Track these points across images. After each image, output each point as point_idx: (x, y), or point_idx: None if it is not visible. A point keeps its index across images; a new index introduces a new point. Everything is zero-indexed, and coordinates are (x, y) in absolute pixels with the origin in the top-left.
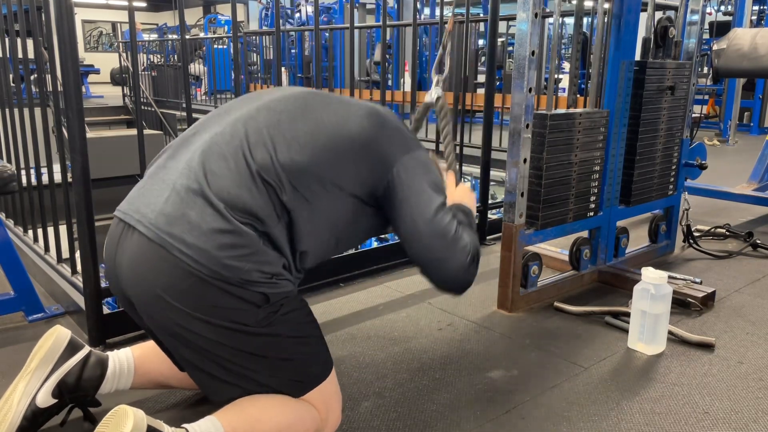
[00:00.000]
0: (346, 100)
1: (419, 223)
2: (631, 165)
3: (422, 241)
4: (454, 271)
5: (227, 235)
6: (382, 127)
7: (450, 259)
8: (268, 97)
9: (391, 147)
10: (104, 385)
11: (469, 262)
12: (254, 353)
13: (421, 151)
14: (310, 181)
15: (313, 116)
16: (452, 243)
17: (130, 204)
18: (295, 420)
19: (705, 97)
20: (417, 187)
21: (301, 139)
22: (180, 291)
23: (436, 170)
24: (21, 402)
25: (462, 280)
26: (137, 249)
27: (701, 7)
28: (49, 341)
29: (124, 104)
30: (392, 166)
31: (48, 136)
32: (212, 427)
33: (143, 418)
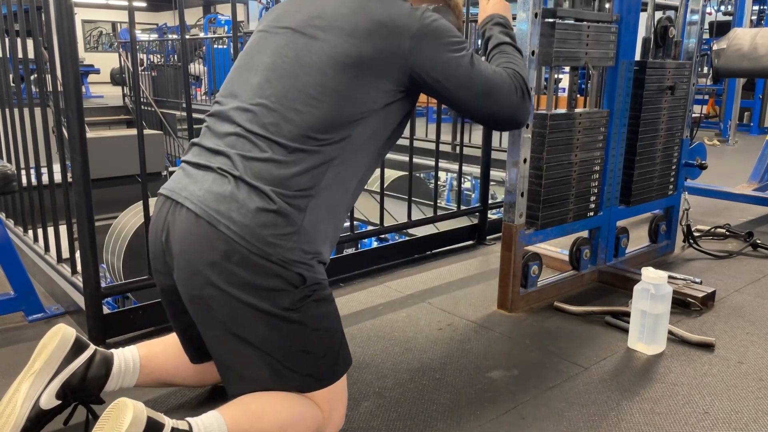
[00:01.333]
0: (327, 26)
1: (461, 94)
2: (631, 165)
3: (469, 107)
4: (510, 113)
5: (271, 214)
6: (372, 33)
7: (502, 108)
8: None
9: (389, 37)
10: (109, 383)
11: (520, 98)
12: (279, 341)
13: (420, 9)
14: (341, 128)
15: (311, 64)
16: (498, 92)
17: (177, 183)
18: (298, 418)
19: (705, 97)
20: (441, 63)
21: (313, 94)
22: (223, 267)
23: (447, 24)
24: (25, 404)
25: (521, 116)
26: (186, 224)
27: (701, 7)
28: (54, 341)
29: (124, 104)
30: (406, 59)
31: (48, 136)
32: (215, 421)
33: (143, 410)
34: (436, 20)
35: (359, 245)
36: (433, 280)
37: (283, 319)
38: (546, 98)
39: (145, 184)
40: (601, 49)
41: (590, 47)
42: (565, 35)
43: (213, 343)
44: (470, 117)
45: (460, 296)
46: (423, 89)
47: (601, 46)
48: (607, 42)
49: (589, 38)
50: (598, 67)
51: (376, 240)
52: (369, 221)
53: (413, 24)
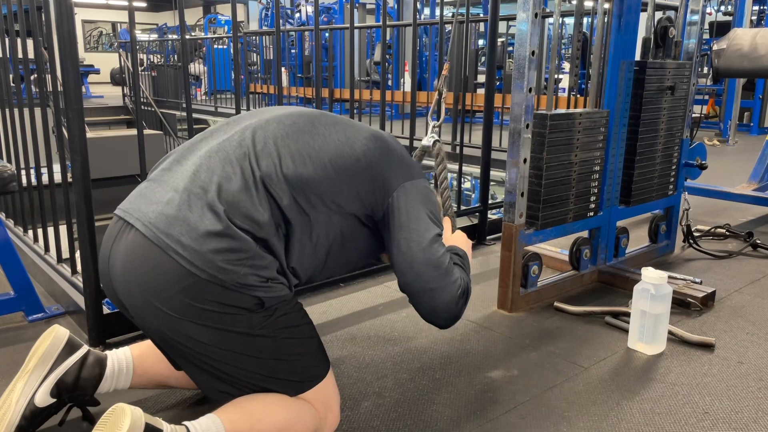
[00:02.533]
0: (353, 123)
1: (414, 249)
2: (631, 165)
3: (414, 268)
4: (443, 303)
5: (224, 239)
6: (386, 151)
7: (440, 290)
8: (277, 112)
9: (393, 171)
10: (103, 385)
11: (459, 295)
12: (250, 354)
13: (423, 180)
14: (311, 195)
15: (321, 133)
16: (444, 275)
17: (131, 203)
18: (295, 418)
19: (705, 97)
20: (415, 214)
21: (306, 153)
22: (172, 295)
23: (435, 202)
24: (19, 402)
25: (450, 314)
26: (133, 247)
27: (701, 7)
28: (47, 341)
29: (124, 104)
30: (393, 190)
31: (48, 136)
32: (212, 424)
33: (141, 416)
34: (431, 192)
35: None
36: None
37: (247, 336)
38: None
39: None
40: None
41: None
42: None
43: (184, 365)
44: (405, 281)
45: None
46: (381, 224)
47: None
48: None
49: None
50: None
51: None
52: None
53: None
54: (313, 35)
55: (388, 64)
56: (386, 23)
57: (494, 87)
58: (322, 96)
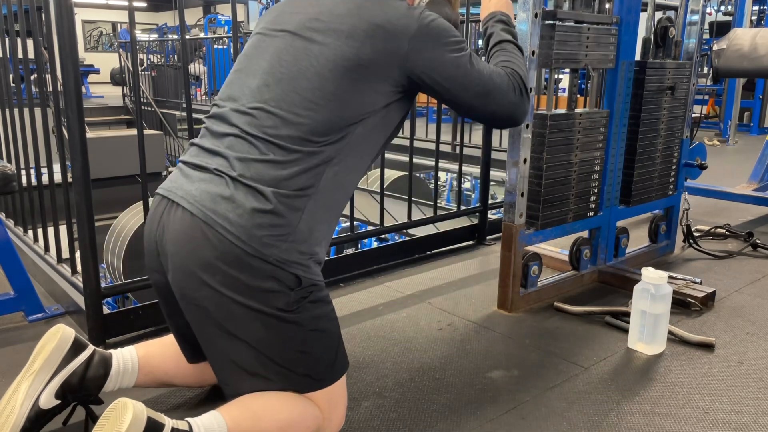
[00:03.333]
0: (326, 28)
1: (460, 96)
2: (631, 165)
3: (467, 106)
4: (508, 114)
5: (267, 215)
6: (370, 35)
7: (500, 107)
8: (267, 66)
9: (388, 37)
10: (108, 384)
11: (518, 97)
12: (276, 340)
13: (419, 9)
14: (341, 129)
15: (311, 67)
16: (495, 92)
17: (173, 182)
18: (298, 418)
19: (705, 97)
20: (441, 65)
21: (313, 96)
22: (218, 268)
23: (445, 24)
24: (24, 404)
25: (520, 114)
26: (181, 224)
27: (701, 7)
28: (53, 341)
29: (124, 104)
30: (406, 61)
31: (48, 136)
32: (215, 421)
33: (143, 410)
34: (434, 20)
35: (359, 245)
36: (433, 280)
37: (279, 320)
38: (546, 98)
39: (145, 184)
40: (601, 51)
41: (590, 49)
42: (564, 37)
43: (208, 344)
44: (469, 116)
45: (460, 296)
46: (422, 89)
47: (600, 48)
48: (606, 44)
49: (589, 40)
50: (598, 69)
51: (376, 240)
52: (369, 221)
53: (411, 25)
54: None
55: None
56: None
57: None
58: None
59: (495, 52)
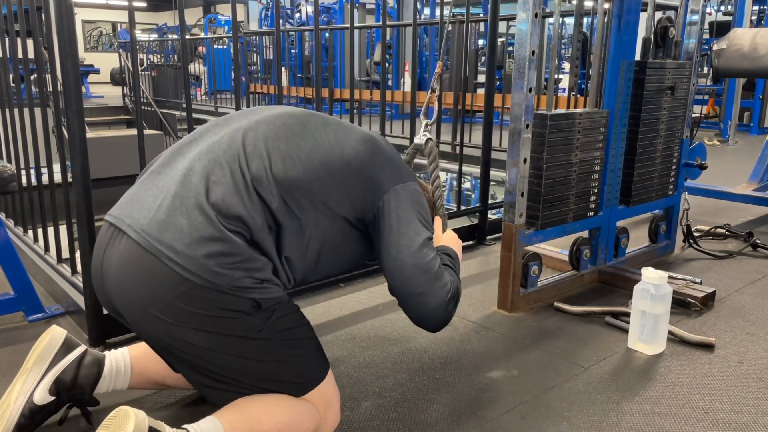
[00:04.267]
0: (344, 124)
1: (403, 252)
2: (631, 165)
3: (404, 272)
4: (432, 308)
5: (217, 243)
6: (377, 154)
7: (429, 295)
8: (268, 112)
9: (384, 174)
10: (101, 384)
11: (449, 300)
12: (249, 358)
13: (414, 183)
14: (300, 197)
15: (311, 135)
16: (434, 279)
17: (122, 209)
18: (295, 419)
19: (705, 97)
20: (405, 217)
21: (296, 155)
22: (168, 302)
23: (425, 205)
24: (18, 399)
25: (439, 318)
26: (126, 255)
27: (701, 7)
28: (44, 340)
29: (124, 104)
30: (383, 193)
31: (48, 136)
32: (212, 427)
33: (144, 420)
34: (421, 195)
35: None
36: None
37: (246, 339)
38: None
39: None
40: None
41: None
42: None
43: (184, 372)
44: (394, 284)
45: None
46: (372, 227)
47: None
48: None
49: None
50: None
51: None
52: None
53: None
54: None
55: (388, 64)
56: (386, 23)
57: (494, 87)
58: (322, 96)
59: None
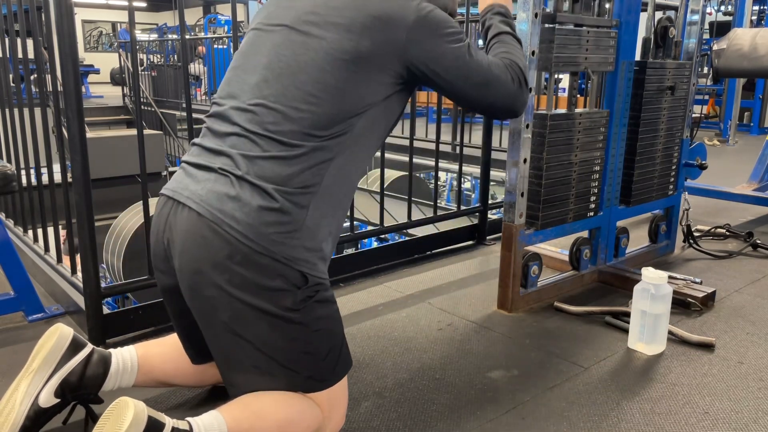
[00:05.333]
0: (327, 22)
1: (455, 84)
2: (631, 165)
3: (466, 97)
4: (507, 105)
5: (274, 212)
6: (369, 27)
7: (499, 98)
8: (273, 53)
9: (389, 36)
10: (107, 383)
11: (517, 88)
12: (280, 342)
13: (415, 2)
14: (342, 120)
15: (317, 65)
16: (494, 83)
17: (178, 183)
18: (298, 417)
19: (705, 97)
20: (444, 61)
21: (317, 90)
22: (227, 267)
23: (442, 14)
24: (23, 402)
25: (519, 106)
26: (189, 224)
27: (701, 7)
28: (51, 340)
29: (124, 104)
30: (404, 51)
31: (48, 136)
32: (215, 421)
33: (144, 410)
34: (432, 11)
35: (359, 245)
36: (433, 280)
37: (285, 320)
38: (546, 98)
39: (145, 184)
40: (601, 54)
41: (590, 52)
42: (564, 40)
43: (215, 343)
44: (468, 107)
45: (460, 296)
46: (421, 80)
47: (600, 51)
48: (606, 47)
49: (589, 43)
50: (597, 72)
51: (376, 240)
52: (369, 221)
53: (409, 16)
54: None
55: None
56: None
57: None
58: None
59: (494, 43)
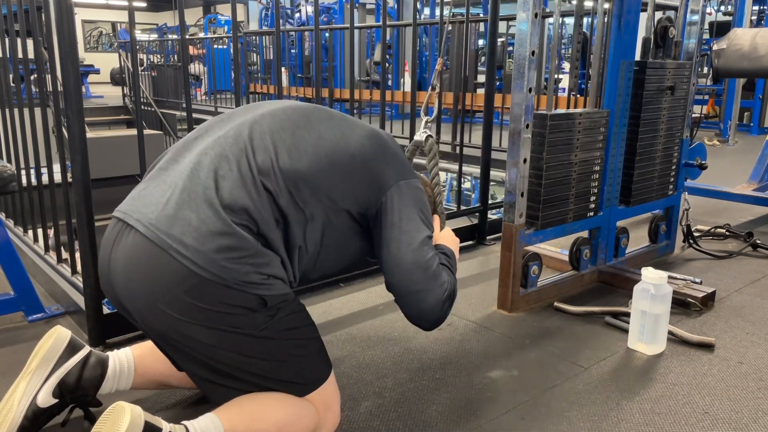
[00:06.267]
0: (348, 118)
1: (403, 249)
2: (631, 165)
3: (402, 269)
4: (429, 305)
5: (225, 237)
6: (382, 149)
7: (427, 293)
8: (272, 106)
9: (388, 170)
10: (105, 385)
11: (446, 298)
12: (253, 356)
13: (417, 180)
14: (306, 189)
15: (316, 128)
16: (432, 277)
17: (130, 205)
18: (294, 418)
19: (705, 97)
20: (408, 214)
21: (302, 147)
22: (176, 296)
23: (427, 204)
24: (22, 402)
25: (435, 316)
26: (134, 249)
27: (701, 7)
28: (49, 341)
29: (124, 104)
30: (387, 189)
31: (48, 136)
32: (211, 424)
33: (140, 414)
34: (423, 193)
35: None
36: None
37: (251, 337)
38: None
39: None
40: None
41: None
42: None
43: (185, 367)
44: (392, 280)
45: (460, 296)
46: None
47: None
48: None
49: None
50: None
51: None
52: None
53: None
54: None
55: (388, 64)
56: (386, 23)
57: (494, 87)
58: (322, 96)
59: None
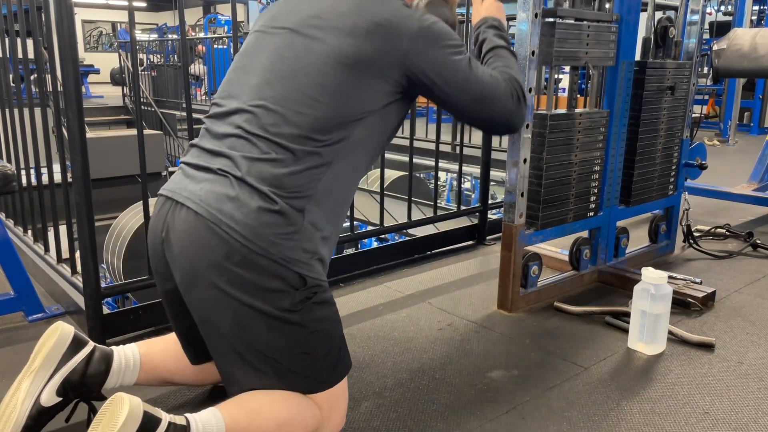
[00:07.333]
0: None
1: (454, 97)
2: (631, 165)
3: (464, 110)
4: (505, 120)
5: (272, 214)
6: (371, 33)
7: (498, 113)
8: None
9: (390, 43)
10: (109, 380)
11: (515, 103)
12: (279, 343)
13: (418, 13)
14: (341, 125)
15: (310, 66)
16: (492, 98)
17: (177, 183)
18: (296, 416)
19: (705, 97)
20: (438, 63)
21: (313, 94)
22: (225, 268)
23: (445, 26)
24: (25, 402)
25: (517, 122)
26: (187, 224)
27: (701, 7)
28: (52, 339)
29: (124, 104)
30: (405, 59)
31: (48, 136)
32: (212, 417)
33: (139, 405)
34: (435, 23)
35: (359, 245)
36: (433, 280)
37: (283, 321)
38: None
39: (145, 184)
40: (602, 49)
41: (590, 47)
42: (565, 35)
43: (213, 344)
44: (466, 120)
45: (460, 296)
46: (420, 91)
47: (601, 45)
48: (607, 42)
49: (590, 38)
50: (598, 67)
51: (376, 240)
52: (369, 221)
53: (412, 25)
54: None
55: None
56: None
57: None
58: None
59: (489, 57)
